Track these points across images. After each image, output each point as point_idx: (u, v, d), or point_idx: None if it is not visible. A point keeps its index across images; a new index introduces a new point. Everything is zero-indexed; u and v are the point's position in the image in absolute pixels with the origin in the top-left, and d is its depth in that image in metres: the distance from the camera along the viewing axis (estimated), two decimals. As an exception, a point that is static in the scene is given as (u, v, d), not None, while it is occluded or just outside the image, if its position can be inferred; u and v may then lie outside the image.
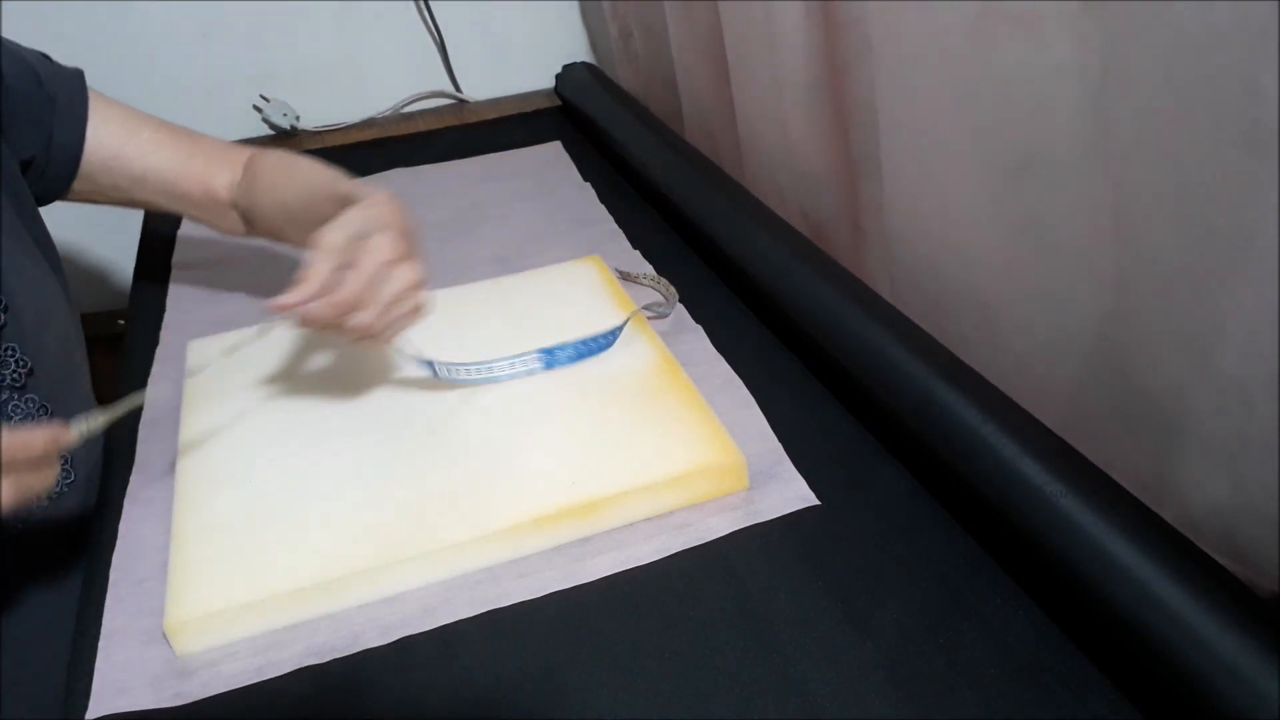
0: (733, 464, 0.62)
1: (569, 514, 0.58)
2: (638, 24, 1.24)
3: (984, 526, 0.57)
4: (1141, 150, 0.48)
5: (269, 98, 1.36)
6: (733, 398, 0.71)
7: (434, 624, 0.55)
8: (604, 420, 0.66)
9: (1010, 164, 0.59)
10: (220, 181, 0.71)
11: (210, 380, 0.74)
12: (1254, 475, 0.48)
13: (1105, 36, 0.48)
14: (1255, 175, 0.41)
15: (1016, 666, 0.49)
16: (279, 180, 0.70)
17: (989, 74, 0.57)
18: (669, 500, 0.60)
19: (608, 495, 0.59)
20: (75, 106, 0.65)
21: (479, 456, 0.64)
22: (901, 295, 0.77)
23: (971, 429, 0.57)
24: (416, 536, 0.57)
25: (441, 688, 0.51)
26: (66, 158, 0.64)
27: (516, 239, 1.00)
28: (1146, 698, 0.46)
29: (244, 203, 0.73)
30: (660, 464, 0.61)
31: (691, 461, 0.61)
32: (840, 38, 0.74)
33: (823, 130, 0.81)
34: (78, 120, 0.65)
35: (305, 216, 0.66)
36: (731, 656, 0.51)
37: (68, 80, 0.66)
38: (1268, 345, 0.44)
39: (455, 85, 1.47)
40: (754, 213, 0.87)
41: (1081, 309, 0.58)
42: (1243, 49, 0.40)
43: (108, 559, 0.61)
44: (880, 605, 0.53)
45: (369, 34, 1.39)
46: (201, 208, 0.71)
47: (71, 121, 0.64)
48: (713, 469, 0.61)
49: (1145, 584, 0.46)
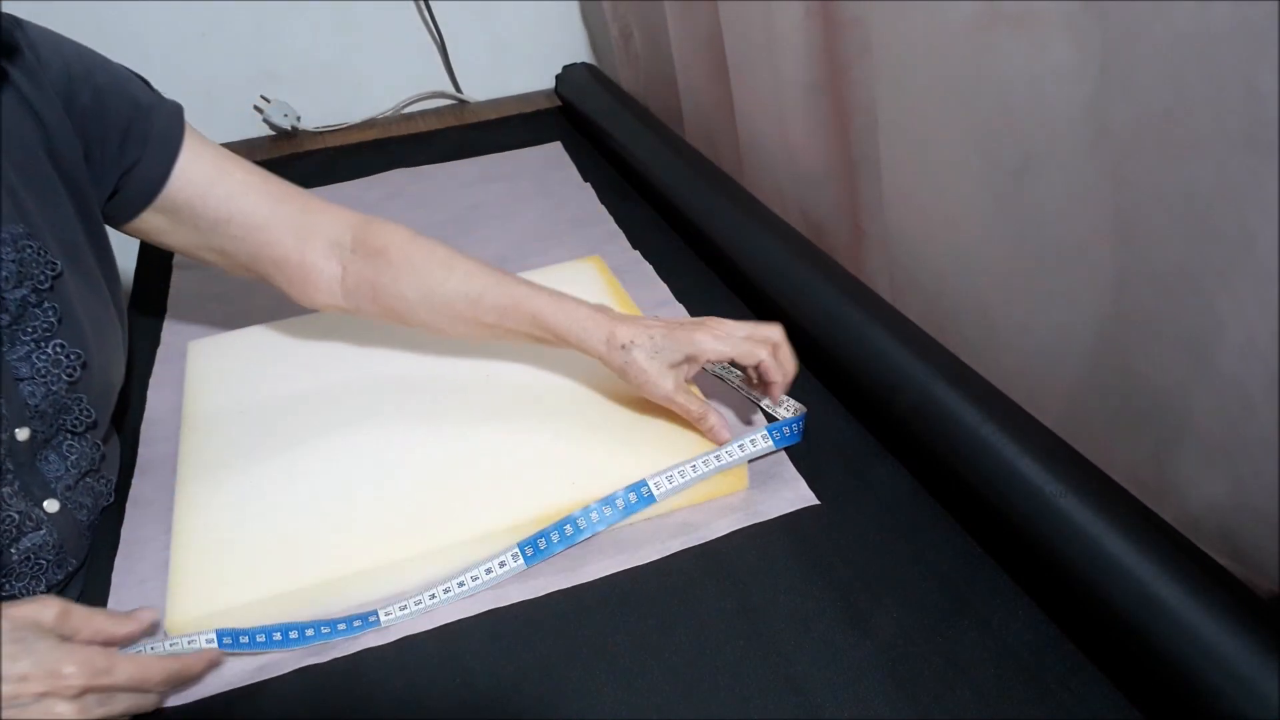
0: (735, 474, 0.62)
1: (570, 512, 0.58)
2: (638, 24, 1.24)
3: (984, 526, 0.57)
4: (1141, 151, 0.48)
5: (269, 98, 1.36)
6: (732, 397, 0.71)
7: (434, 624, 0.55)
8: (604, 420, 0.66)
9: (1010, 164, 0.59)
10: (321, 235, 0.66)
11: (211, 381, 0.74)
12: (1254, 475, 0.48)
13: (1105, 36, 0.48)
14: (1255, 175, 0.41)
15: (1016, 666, 0.49)
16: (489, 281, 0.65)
17: (989, 74, 0.57)
18: (669, 500, 0.60)
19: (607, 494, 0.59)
20: (170, 139, 0.63)
21: (479, 456, 0.64)
22: (901, 295, 0.77)
23: (971, 429, 0.57)
24: (416, 536, 0.57)
25: (441, 688, 0.51)
26: (146, 188, 0.62)
27: (516, 239, 1.00)
28: (1146, 698, 0.46)
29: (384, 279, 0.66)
30: (660, 464, 0.61)
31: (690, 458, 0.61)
32: (840, 38, 0.74)
33: (823, 130, 0.81)
34: (169, 153, 0.63)
35: (496, 321, 0.65)
36: (731, 656, 0.51)
37: (166, 111, 0.64)
38: (1268, 345, 0.44)
39: (455, 86, 1.47)
40: (754, 213, 0.87)
41: (1081, 309, 0.57)
42: (1243, 49, 0.40)
43: (109, 559, 0.61)
44: (880, 605, 0.53)
45: (369, 34, 1.39)
46: (285, 263, 0.66)
47: (163, 154, 0.63)
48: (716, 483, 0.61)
49: (1145, 584, 0.46)
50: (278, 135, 1.39)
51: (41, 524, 0.56)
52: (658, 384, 0.61)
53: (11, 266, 0.55)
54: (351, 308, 0.68)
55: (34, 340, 0.56)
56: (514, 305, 0.64)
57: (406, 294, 0.66)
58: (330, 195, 1.14)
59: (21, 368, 0.56)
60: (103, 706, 0.46)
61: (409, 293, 0.66)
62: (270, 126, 1.38)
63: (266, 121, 1.37)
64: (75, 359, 0.58)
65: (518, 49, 1.47)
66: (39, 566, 0.57)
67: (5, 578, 0.56)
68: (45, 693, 0.44)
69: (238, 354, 0.78)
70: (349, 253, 0.67)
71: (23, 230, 0.56)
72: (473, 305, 0.65)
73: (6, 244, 0.55)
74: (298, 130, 1.38)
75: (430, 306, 0.66)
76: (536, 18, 1.46)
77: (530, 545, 0.57)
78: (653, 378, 0.61)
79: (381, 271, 0.66)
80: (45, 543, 0.57)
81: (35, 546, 0.57)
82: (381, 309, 0.67)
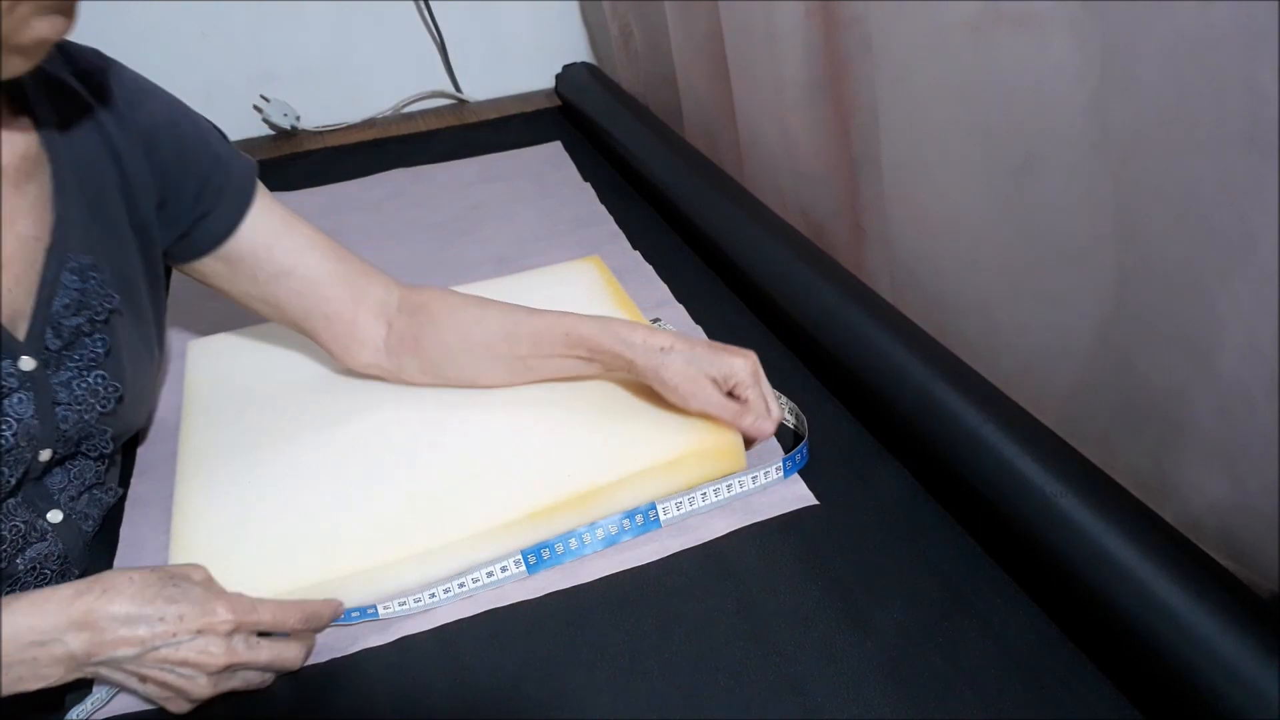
0: (727, 444, 0.61)
1: (567, 505, 0.58)
2: (638, 24, 1.24)
3: (984, 526, 0.57)
4: (1142, 150, 0.48)
5: (269, 98, 1.36)
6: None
7: (433, 624, 0.55)
8: (598, 412, 0.66)
9: (1011, 164, 0.59)
10: (372, 295, 0.69)
11: (211, 381, 0.74)
12: (1254, 475, 0.48)
13: (1105, 36, 0.48)
14: (1255, 175, 0.41)
15: (1016, 666, 0.49)
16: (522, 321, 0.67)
17: (989, 74, 0.57)
18: (667, 484, 0.60)
19: (605, 484, 0.59)
20: (244, 194, 0.65)
21: (477, 453, 0.64)
22: (901, 295, 0.77)
23: (971, 429, 0.57)
24: (416, 535, 0.57)
25: (441, 688, 0.51)
26: (212, 236, 0.64)
27: (516, 239, 1.00)
28: (1146, 698, 0.46)
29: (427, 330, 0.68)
30: (655, 449, 0.61)
31: (686, 445, 0.61)
32: (840, 37, 0.74)
33: (823, 130, 0.81)
34: (241, 206, 0.65)
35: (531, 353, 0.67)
36: (731, 657, 0.51)
37: (241, 166, 0.67)
38: (1268, 345, 0.44)
39: (455, 85, 1.47)
40: (754, 213, 0.87)
41: (1081, 309, 0.57)
42: (1243, 49, 0.40)
43: (109, 559, 0.61)
44: (880, 605, 0.53)
45: (369, 34, 1.39)
46: (337, 320, 0.68)
47: (235, 206, 0.65)
48: (707, 451, 0.61)
49: (1145, 584, 0.46)
50: (277, 135, 1.39)
51: (45, 534, 0.57)
52: (694, 390, 0.61)
53: (74, 294, 0.57)
54: (392, 366, 0.70)
55: (78, 368, 0.58)
56: (547, 328, 0.66)
57: (447, 339, 0.68)
58: (330, 195, 1.16)
59: (61, 392, 0.57)
60: (250, 651, 0.49)
61: (449, 337, 0.68)
62: (270, 126, 1.38)
63: (266, 121, 1.37)
64: (113, 392, 0.60)
65: (517, 49, 1.47)
66: (43, 576, 0.58)
67: (12, 587, 0.56)
68: (201, 629, 0.48)
69: (238, 354, 0.78)
70: (395, 311, 0.70)
71: (89, 262, 0.58)
72: (508, 339, 0.67)
73: (74, 273, 0.57)
74: (297, 130, 1.38)
75: (469, 348, 0.68)
76: (536, 17, 1.46)
77: (534, 554, 0.57)
78: (688, 382, 0.61)
79: (424, 324, 0.69)
80: (50, 553, 0.58)
81: (40, 556, 0.57)
82: (423, 362, 0.69)
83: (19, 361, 0.54)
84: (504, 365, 0.68)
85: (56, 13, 0.47)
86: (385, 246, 1.00)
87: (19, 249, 0.55)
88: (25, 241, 0.55)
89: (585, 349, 0.65)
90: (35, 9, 0.45)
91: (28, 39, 0.47)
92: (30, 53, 0.48)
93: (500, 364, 0.68)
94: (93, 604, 0.47)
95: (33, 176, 0.56)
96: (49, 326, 0.56)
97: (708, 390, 0.62)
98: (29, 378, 0.55)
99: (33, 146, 0.56)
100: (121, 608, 0.47)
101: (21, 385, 0.54)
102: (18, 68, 0.49)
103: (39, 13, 0.46)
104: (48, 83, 0.57)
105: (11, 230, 0.54)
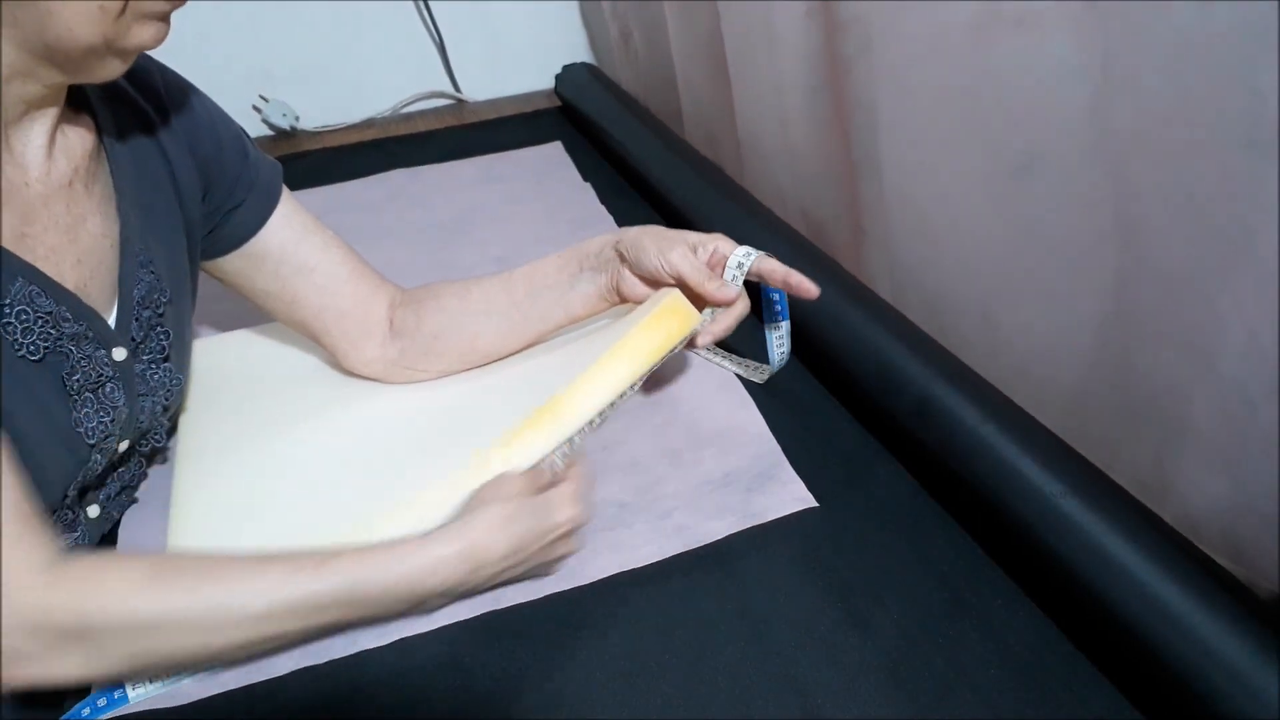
0: (671, 305, 0.61)
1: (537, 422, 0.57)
2: (638, 24, 1.24)
3: (984, 526, 0.57)
4: (1141, 151, 0.48)
5: (268, 98, 1.36)
6: (731, 398, 0.71)
7: (433, 624, 0.55)
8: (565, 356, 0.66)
9: (1010, 164, 0.59)
10: (382, 290, 0.71)
11: (211, 381, 0.74)
12: (1254, 475, 0.48)
13: (1105, 36, 0.48)
14: (1255, 175, 0.41)
15: (1016, 666, 0.49)
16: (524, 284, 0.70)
17: (989, 74, 0.57)
18: (628, 367, 0.59)
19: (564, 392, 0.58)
20: (271, 192, 0.67)
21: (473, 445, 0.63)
22: (902, 295, 0.77)
23: (972, 429, 0.57)
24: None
25: (441, 688, 0.51)
26: (241, 231, 0.66)
27: (516, 239, 1.00)
28: (1146, 698, 0.46)
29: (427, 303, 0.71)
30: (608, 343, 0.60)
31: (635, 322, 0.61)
32: (840, 38, 0.74)
33: (823, 131, 0.81)
34: (269, 203, 0.67)
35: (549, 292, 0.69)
36: (731, 657, 0.51)
37: (269, 166, 0.68)
38: (1268, 345, 0.44)
39: (455, 85, 1.47)
40: (754, 213, 0.87)
41: (1081, 309, 0.57)
42: (1243, 49, 0.40)
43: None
44: (880, 605, 0.53)
45: (369, 34, 1.39)
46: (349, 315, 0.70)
47: (264, 203, 0.66)
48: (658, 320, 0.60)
49: (1145, 584, 0.46)
50: (276, 135, 1.39)
51: (78, 526, 0.57)
52: (670, 246, 0.62)
53: (143, 289, 0.59)
54: (395, 354, 0.71)
55: (150, 360, 0.60)
56: (539, 265, 0.69)
57: (447, 305, 0.70)
58: (330, 195, 1.16)
59: (139, 384, 0.58)
60: (575, 540, 0.55)
61: (449, 303, 0.70)
62: (269, 126, 1.38)
63: (265, 121, 1.37)
64: (177, 385, 0.62)
65: (517, 49, 1.47)
66: None
67: None
68: (567, 533, 0.54)
69: (238, 354, 0.78)
70: (398, 305, 0.72)
71: (147, 258, 0.59)
72: (505, 286, 0.69)
73: (144, 266, 0.59)
74: (296, 130, 1.38)
75: (466, 306, 0.70)
76: (536, 18, 1.46)
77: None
78: (665, 240, 0.63)
79: (424, 299, 0.71)
80: (78, 545, 0.58)
81: (69, 547, 0.57)
82: (424, 339, 0.70)
83: (112, 351, 0.56)
84: (502, 319, 0.69)
85: (159, 19, 0.50)
86: (384, 247, 0.99)
87: (92, 246, 0.56)
88: (97, 239, 0.57)
89: (576, 260, 0.67)
90: (139, 16, 0.48)
91: (131, 44, 0.49)
92: (128, 57, 0.51)
93: (498, 318, 0.69)
94: (466, 576, 0.51)
95: (97, 176, 0.57)
96: (133, 319, 0.58)
97: (682, 248, 0.63)
98: (120, 368, 0.56)
99: (96, 146, 0.57)
100: (499, 551, 0.51)
101: (115, 375, 0.56)
102: (114, 71, 0.51)
103: (143, 19, 0.49)
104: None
105: (84, 228, 0.56)
